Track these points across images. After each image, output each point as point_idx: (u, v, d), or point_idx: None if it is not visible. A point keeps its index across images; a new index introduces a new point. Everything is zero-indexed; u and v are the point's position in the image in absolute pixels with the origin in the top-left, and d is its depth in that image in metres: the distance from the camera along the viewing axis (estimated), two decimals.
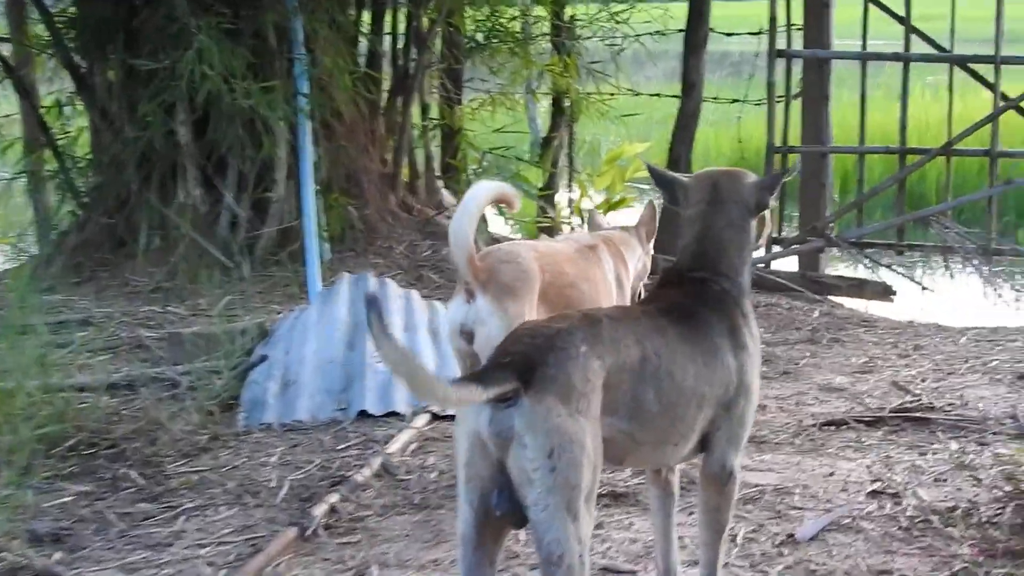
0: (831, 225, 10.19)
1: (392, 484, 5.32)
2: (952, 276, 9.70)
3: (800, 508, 4.98)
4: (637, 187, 12.47)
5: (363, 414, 6.15)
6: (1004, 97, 9.72)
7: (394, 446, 5.65)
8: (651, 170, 4.07)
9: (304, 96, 8.68)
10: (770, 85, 10.29)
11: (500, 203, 4.88)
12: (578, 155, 12.44)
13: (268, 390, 6.35)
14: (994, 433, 5.85)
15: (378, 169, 10.35)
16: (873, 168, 14.15)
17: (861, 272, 10.58)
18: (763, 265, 9.82)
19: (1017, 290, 9.82)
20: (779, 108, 10.37)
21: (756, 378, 3.77)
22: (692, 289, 3.77)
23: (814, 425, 6.03)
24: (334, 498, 5.04)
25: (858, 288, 10.12)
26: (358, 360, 6.56)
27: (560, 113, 11.86)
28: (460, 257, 4.54)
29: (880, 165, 14.25)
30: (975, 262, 9.67)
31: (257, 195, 9.56)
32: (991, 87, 9.69)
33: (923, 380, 6.87)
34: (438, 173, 11.32)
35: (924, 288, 9.38)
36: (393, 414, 6.15)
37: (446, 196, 11.12)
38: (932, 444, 5.74)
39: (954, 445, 5.70)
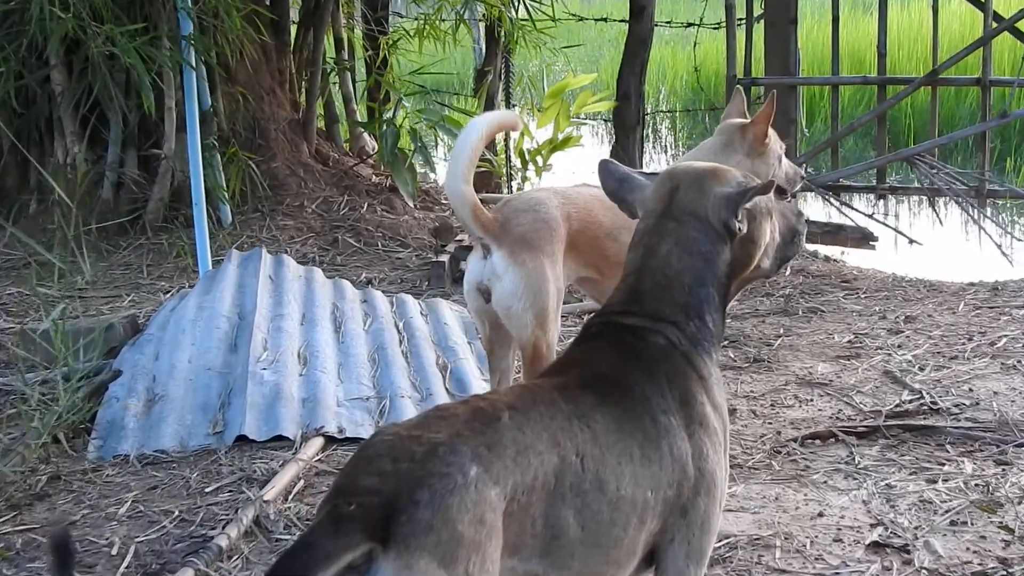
0: (802, 166, 9.09)
1: (266, 548, 4.24)
2: (941, 223, 8.62)
3: (784, 572, 3.93)
4: (585, 123, 11.29)
5: (242, 439, 5.05)
6: (997, 17, 8.62)
7: (273, 489, 4.56)
8: (602, 175, 3.08)
9: (185, 39, 7.47)
10: (728, 8, 9.15)
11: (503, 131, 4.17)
12: (517, 89, 11.27)
13: (128, 409, 5.26)
14: (1017, 446, 4.81)
15: (287, 115, 9.21)
16: (849, 101, 13.06)
17: (837, 216, 9.48)
18: None
19: (1016, 237, 8.74)
20: (740, 33, 9.23)
21: (721, 465, 2.71)
22: (625, 345, 2.69)
23: (795, 439, 4.99)
24: (187, 575, 3.95)
25: (834, 234, 9.12)
26: (240, 367, 5.47)
27: (494, 43, 10.69)
28: (463, 211, 4.21)
29: (856, 97, 13.14)
30: (966, 206, 8.61)
31: (147, 152, 8.39)
32: (981, 6, 8.58)
33: (921, 368, 5.84)
34: (359, 117, 10.13)
35: (912, 242, 8.30)
36: (279, 438, 5.05)
37: (369, 142, 9.95)
38: (942, 465, 4.72)
39: (969, 466, 4.69)
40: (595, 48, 18.31)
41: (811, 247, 9.43)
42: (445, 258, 7.69)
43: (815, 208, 10.09)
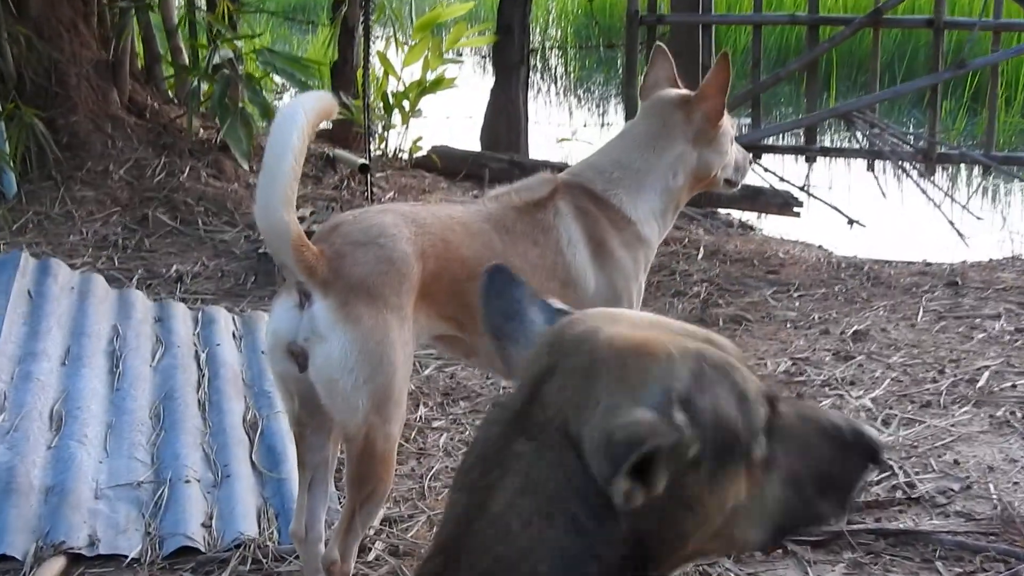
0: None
1: None
2: (883, 193, 7.32)
3: None
4: (461, 61, 9.83)
5: None
6: None
7: None
8: (485, 298, 1.91)
9: None
10: None
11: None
12: (379, 22, 9.75)
13: None
14: None
15: (93, 56, 7.66)
16: (774, 44, 11.66)
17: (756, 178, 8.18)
18: None
19: (970, 211, 7.46)
20: None
21: None
22: None
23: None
24: None
25: (752, 200, 7.91)
26: None
27: None
28: (282, 247, 3.06)
29: (783, 40, 11.76)
30: (912, 172, 7.34)
31: None
32: None
33: (885, 422, 4.59)
34: (185, 57, 8.56)
35: (852, 223, 7.01)
36: (5, 559, 3.63)
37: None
38: None
39: None
40: None
41: (725, 211, 8.21)
42: None
43: None
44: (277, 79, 9.62)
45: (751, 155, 4.04)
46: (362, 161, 7.25)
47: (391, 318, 3.14)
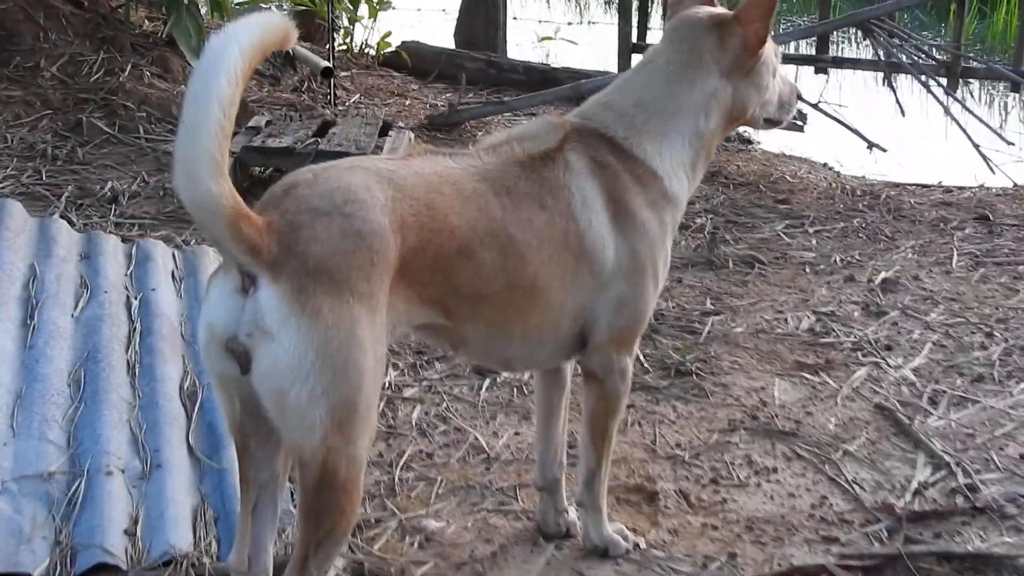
0: None
1: None
2: (902, 111, 6.63)
3: None
4: None
5: None
6: None
7: None
8: None
9: None
10: None
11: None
12: None
13: None
14: None
15: None
16: None
17: None
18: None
19: (998, 133, 6.76)
20: None
21: None
22: None
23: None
24: None
25: None
26: None
27: None
28: (210, 218, 2.37)
29: None
30: (934, 86, 6.66)
31: None
32: None
33: (933, 401, 3.97)
34: None
35: (872, 147, 6.32)
36: None
37: None
38: None
39: None
40: None
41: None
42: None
43: None
44: None
45: (798, 87, 3.31)
46: (325, 64, 6.51)
47: (359, 309, 2.47)
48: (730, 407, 3.89)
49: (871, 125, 7.01)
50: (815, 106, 6.60)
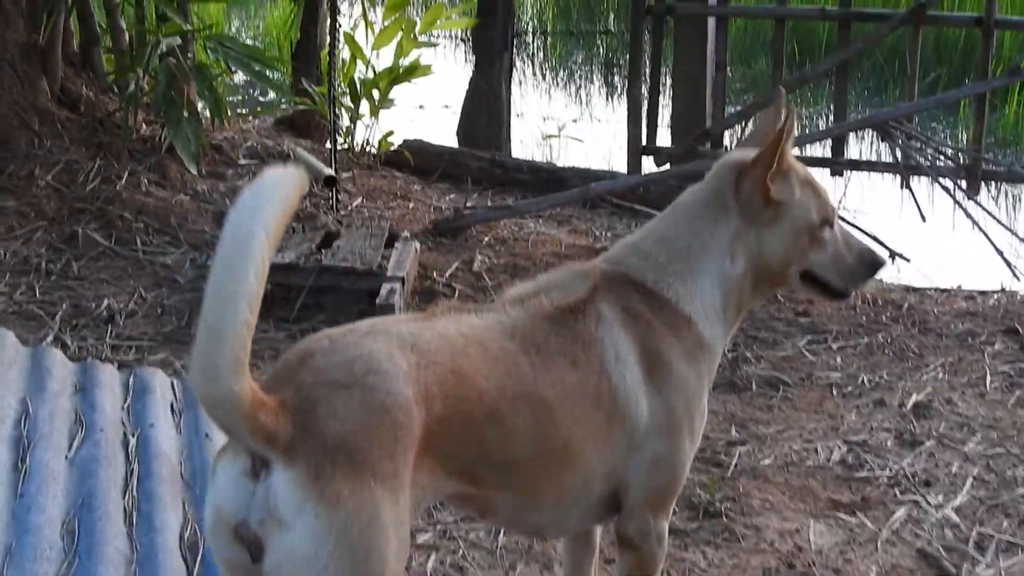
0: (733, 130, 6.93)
1: None
2: (922, 216, 6.45)
3: None
4: (436, 45, 8.91)
5: None
6: None
7: None
8: None
9: None
10: None
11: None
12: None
13: None
14: None
15: (19, 38, 6.75)
16: (802, 39, 10.68)
17: None
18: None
19: (1017, 234, 6.58)
20: None
21: None
22: None
23: None
24: None
25: None
26: None
27: None
28: (227, 414, 2.21)
29: (811, 35, 10.79)
30: (954, 189, 6.51)
31: None
32: None
33: (980, 546, 3.77)
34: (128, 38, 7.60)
35: (895, 256, 6.14)
36: None
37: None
38: None
39: None
40: None
41: None
42: None
43: None
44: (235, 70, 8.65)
45: (872, 252, 3.06)
46: (328, 172, 6.34)
47: (381, 491, 2.31)
48: (764, 553, 3.68)
49: (890, 227, 6.86)
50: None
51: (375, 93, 8.37)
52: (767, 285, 3.00)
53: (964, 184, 6.63)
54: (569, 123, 9.74)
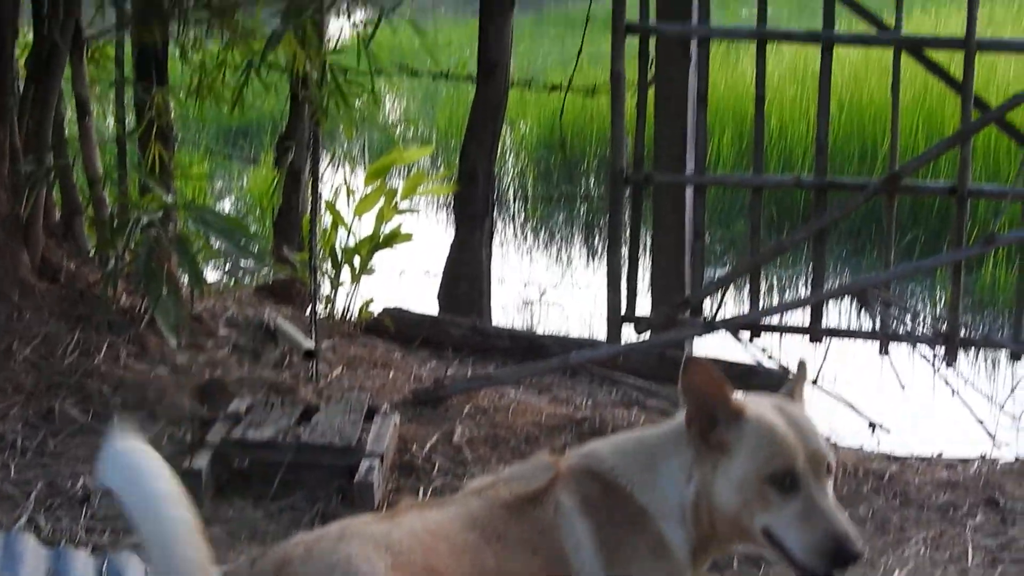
0: (714, 298, 6.99)
1: None
2: (902, 385, 6.50)
3: None
4: (417, 211, 9.01)
5: None
6: (980, 103, 6.59)
7: None
8: None
9: None
10: (616, 75, 6.95)
11: None
12: (330, 165, 8.94)
13: None
14: None
15: (1, 211, 6.76)
16: (777, 207, 10.89)
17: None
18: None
19: (999, 405, 6.62)
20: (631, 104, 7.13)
21: None
22: None
23: None
24: None
25: (744, 379, 7.11)
26: None
27: (299, 106, 8.42)
28: None
29: (786, 202, 11.01)
30: (933, 356, 6.56)
31: None
32: (958, 86, 6.54)
33: None
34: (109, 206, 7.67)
35: (874, 427, 6.17)
36: None
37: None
38: None
39: None
40: (435, 101, 15.97)
41: None
42: (203, 461, 5.35)
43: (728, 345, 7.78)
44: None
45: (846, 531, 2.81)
46: (307, 346, 6.37)
47: None
48: None
49: (868, 393, 6.90)
50: (812, 382, 6.48)
51: (356, 260, 8.45)
52: (727, 528, 2.85)
53: (943, 351, 6.67)
54: (550, 288, 9.83)
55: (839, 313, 9.52)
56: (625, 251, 7.16)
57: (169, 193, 7.26)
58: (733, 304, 9.85)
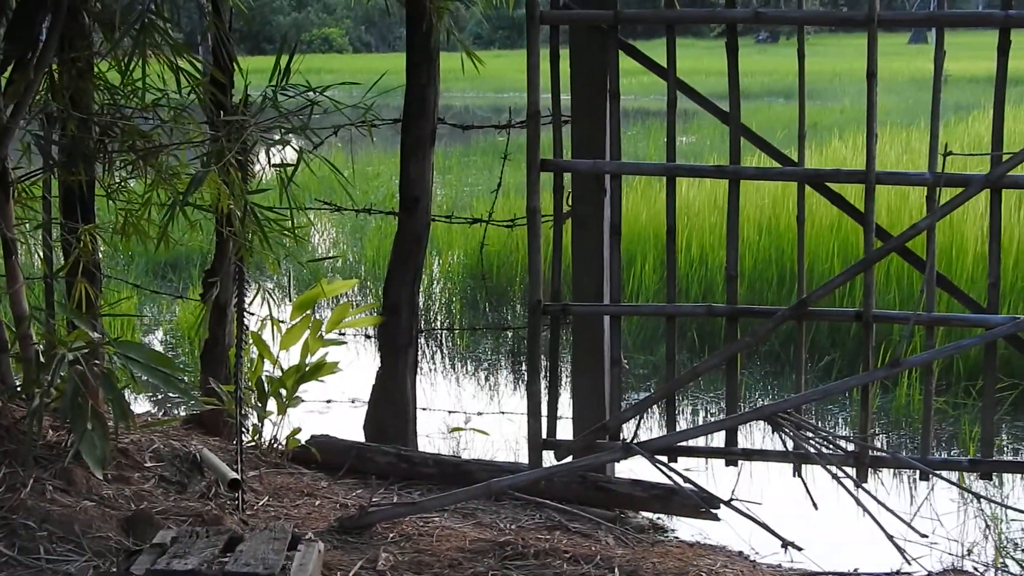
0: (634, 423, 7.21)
1: None
2: (814, 504, 6.72)
3: None
4: (343, 342, 9.18)
5: None
6: (881, 233, 6.91)
7: None
8: None
9: None
10: (531, 211, 7.21)
11: None
12: (256, 297, 9.13)
13: None
14: None
15: None
16: (700, 326, 11.28)
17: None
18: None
19: (909, 524, 6.85)
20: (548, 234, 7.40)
21: None
22: None
23: None
24: None
25: (664, 501, 7.40)
26: None
27: (223, 241, 8.62)
28: None
29: (701, 330, 11.38)
30: (844, 476, 6.78)
31: None
32: (862, 219, 6.86)
33: None
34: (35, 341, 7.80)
35: (787, 546, 6.38)
36: None
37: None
38: None
39: None
40: (363, 233, 16.27)
41: (634, 513, 7.62)
42: None
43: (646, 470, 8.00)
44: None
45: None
46: (233, 476, 6.50)
47: None
48: None
49: (784, 512, 7.10)
50: (728, 503, 6.68)
51: (282, 391, 8.60)
52: None
53: (853, 471, 6.90)
54: (475, 416, 10.01)
55: (762, 434, 9.78)
56: (545, 380, 7.39)
57: (95, 330, 7.40)
58: (657, 427, 10.10)
